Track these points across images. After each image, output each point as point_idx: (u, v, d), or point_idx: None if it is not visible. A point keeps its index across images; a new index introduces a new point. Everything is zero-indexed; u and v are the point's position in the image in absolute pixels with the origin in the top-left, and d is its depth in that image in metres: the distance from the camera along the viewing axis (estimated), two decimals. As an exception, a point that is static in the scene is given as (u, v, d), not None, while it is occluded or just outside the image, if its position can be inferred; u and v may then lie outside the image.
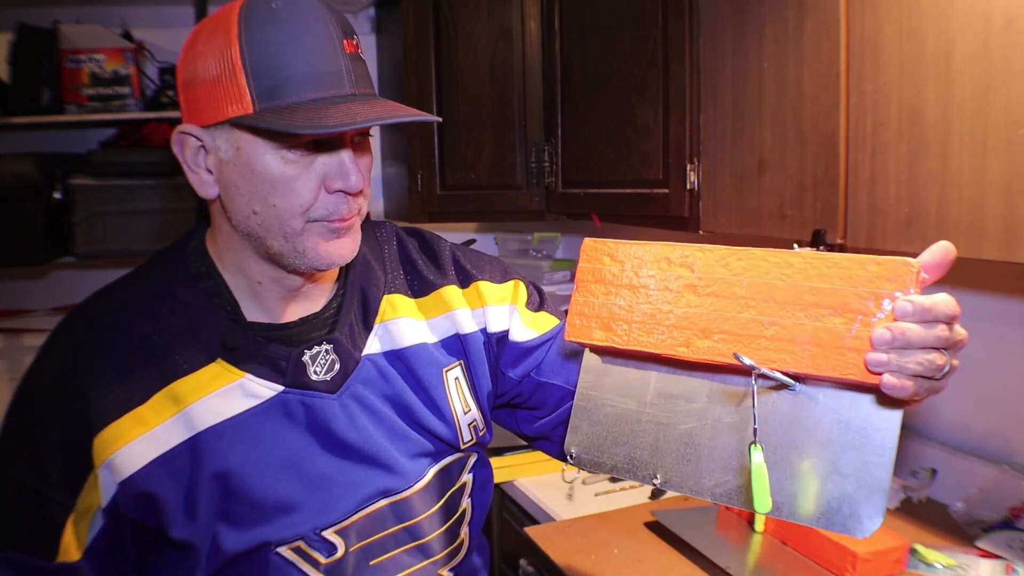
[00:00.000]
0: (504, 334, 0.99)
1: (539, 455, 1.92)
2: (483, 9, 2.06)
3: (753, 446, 0.68)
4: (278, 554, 0.82)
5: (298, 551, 0.83)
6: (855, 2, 1.17)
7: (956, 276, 0.63)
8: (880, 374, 0.62)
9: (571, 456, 0.81)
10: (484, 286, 0.99)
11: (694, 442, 0.73)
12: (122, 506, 0.79)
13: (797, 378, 0.68)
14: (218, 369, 0.82)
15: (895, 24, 1.10)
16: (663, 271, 0.75)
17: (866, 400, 0.66)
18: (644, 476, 0.76)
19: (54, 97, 2.12)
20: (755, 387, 0.68)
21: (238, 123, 0.76)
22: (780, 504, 0.67)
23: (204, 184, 0.81)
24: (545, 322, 1.02)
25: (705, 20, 1.49)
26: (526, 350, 1.00)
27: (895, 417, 0.65)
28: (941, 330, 0.61)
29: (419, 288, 0.97)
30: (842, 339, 0.64)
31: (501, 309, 0.99)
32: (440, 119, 0.82)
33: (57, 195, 2.05)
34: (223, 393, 0.82)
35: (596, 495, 1.73)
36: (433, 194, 2.14)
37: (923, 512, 1.54)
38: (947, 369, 0.62)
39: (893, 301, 0.62)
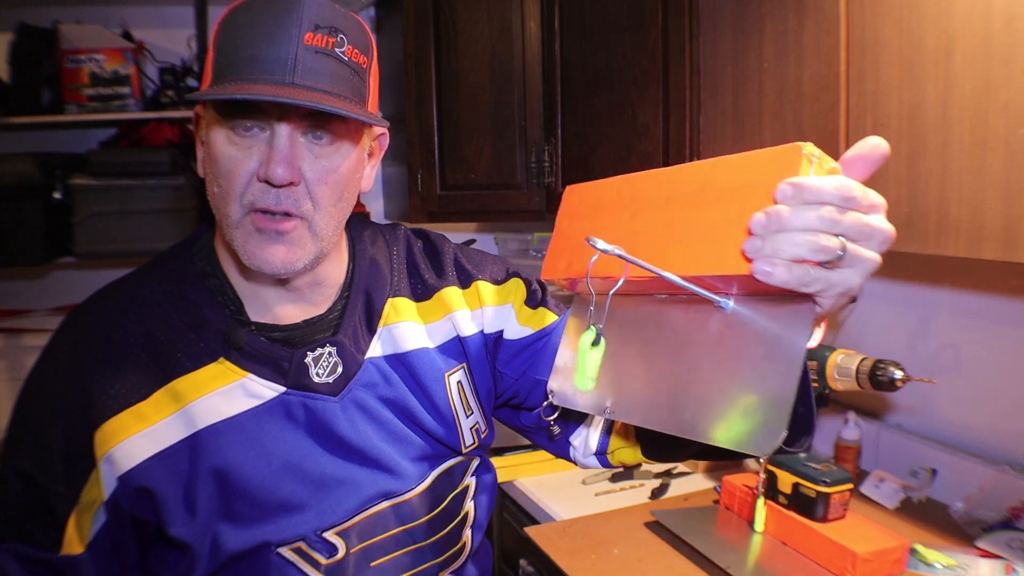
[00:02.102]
0: (500, 334, 0.99)
1: (539, 455, 1.92)
2: (483, 9, 2.06)
3: (588, 328, 0.72)
4: (279, 554, 0.83)
5: (299, 552, 0.83)
6: (855, 2, 1.17)
7: (956, 276, 0.61)
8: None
9: (552, 394, 0.82)
10: (483, 286, 0.99)
11: (641, 370, 0.72)
12: (122, 501, 0.79)
13: (724, 294, 0.65)
14: (220, 368, 0.83)
15: (895, 24, 1.10)
16: (614, 201, 0.75)
17: (781, 308, 0.62)
18: (601, 409, 0.76)
19: (54, 97, 2.12)
20: (620, 283, 0.68)
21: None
22: (700, 425, 0.64)
23: (200, 162, 0.85)
24: (542, 318, 1.01)
25: (705, 20, 1.49)
26: (521, 348, 0.99)
27: (805, 320, 0.59)
28: (827, 211, 0.55)
29: (422, 292, 0.97)
30: (732, 234, 0.60)
31: (498, 309, 0.99)
32: (387, 123, 0.81)
33: (57, 195, 2.05)
34: (224, 392, 0.82)
35: (596, 495, 1.73)
36: (433, 194, 2.15)
37: (923, 512, 1.54)
38: (841, 254, 0.56)
39: None
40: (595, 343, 0.74)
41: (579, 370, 0.74)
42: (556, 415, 0.82)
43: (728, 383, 0.63)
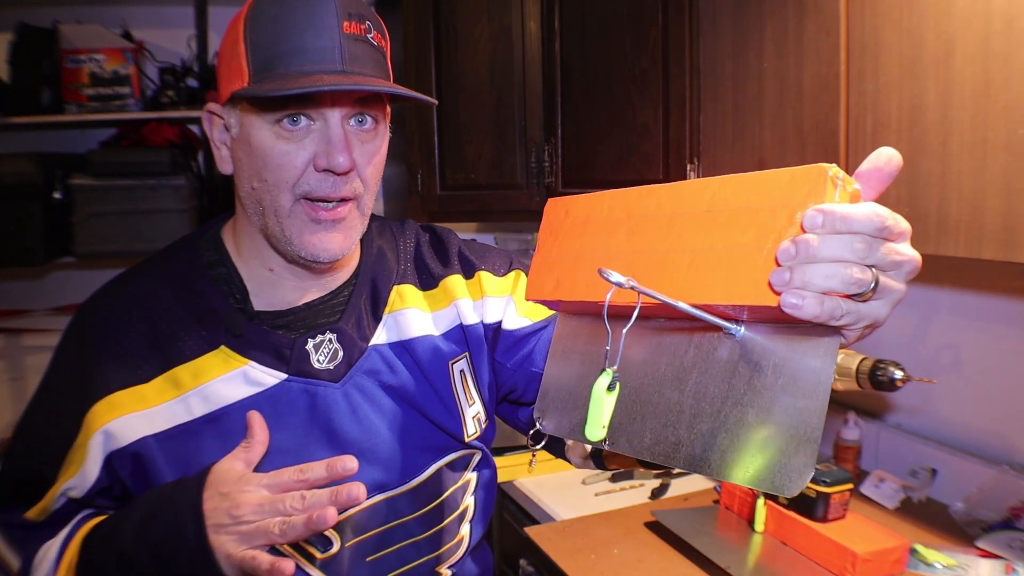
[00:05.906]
0: (499, 324, 1.00)
1: (539, 455, 1.92)
2: (483, 9, 2.06)
3: (604, 372, 0.62)
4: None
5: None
6: (855, 2, 1.17)
7: (956, 276, 0.60)
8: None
9: (539, 422, 0.78)
10: (486, 277, 1.00)
11: (640, 399, 0.67)
12: (117, 466, 0.81)
13: (733, 320, 0.61)
14: (222, 356, 0.84)
15: (895, 24, 1.10)
16: (605, 218, 0.72)
17: (803, 339, 0.57)
18: (597, 440, 0.70)
19: (54, 97, 2.12)
20: (635, 314, 0.61)
21: (235, 97, 0.79)
22: (711, 461, 0.60)
23: (222, 160, 0.86)
24: (541, 310, 1.02)
25: (705, 20, 1.49)
26: (518, 339, 0.99)
27: (830, 353, 0.56)
28: (859, 241, 0.52)
29: (427, 280, 0.98)
30: (753, 261, 0.56)
31: (499, 300, 1.00)
32: (435, 101, 0.83)
33: (57, 195, 2.05)
34: (226, 380, 0.83)
35: (596, 495, 1.73)
36: (433, 194, 2.15)
37: (923, 512, 1.54)
38: (873, 286, 0.53)
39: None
40: (611, 387, 0.65)
41: (590, 419, 0.65)
42: (543, 444, 0.79)
43: (743, 417, 0.59)
